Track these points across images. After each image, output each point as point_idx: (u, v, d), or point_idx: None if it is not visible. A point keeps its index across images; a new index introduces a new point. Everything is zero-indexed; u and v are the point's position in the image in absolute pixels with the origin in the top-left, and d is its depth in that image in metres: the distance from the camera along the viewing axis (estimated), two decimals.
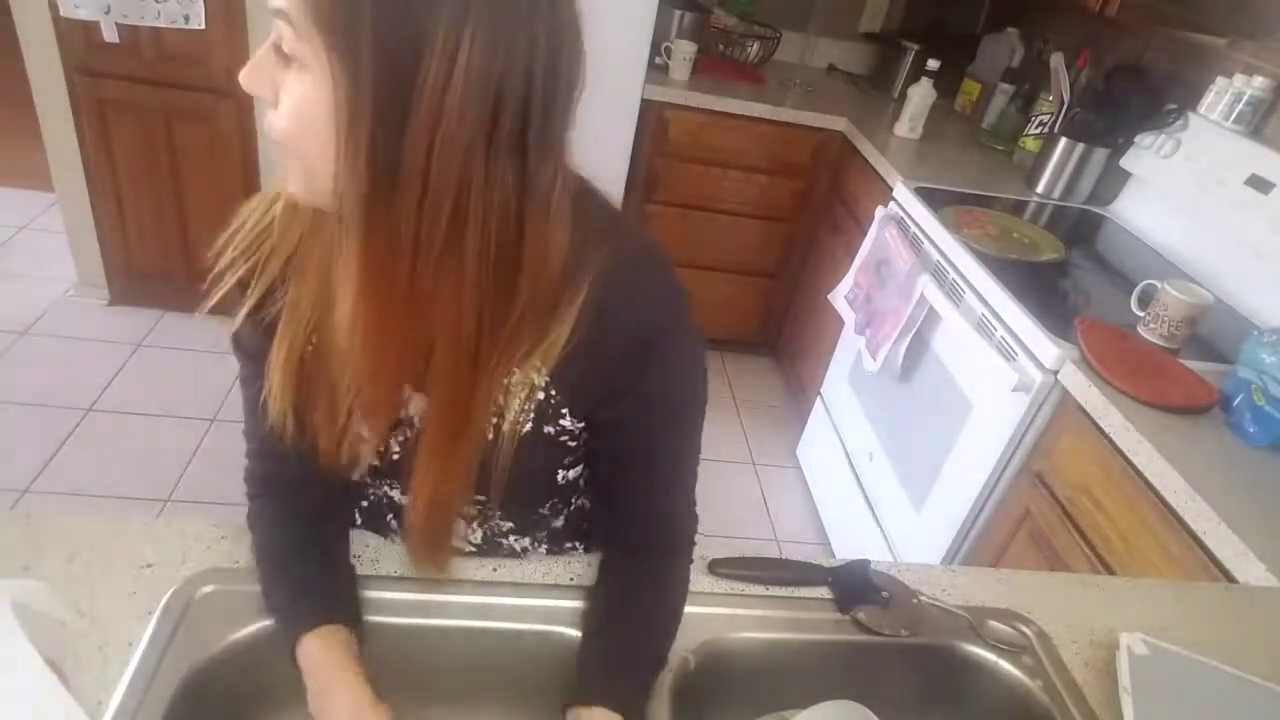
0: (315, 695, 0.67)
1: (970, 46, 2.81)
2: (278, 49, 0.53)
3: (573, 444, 0.73)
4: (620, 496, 0.78)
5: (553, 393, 0.69)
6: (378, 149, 0.52)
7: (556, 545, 0.88)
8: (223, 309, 0.73)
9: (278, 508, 0.76)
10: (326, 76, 0.52)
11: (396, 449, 0.74)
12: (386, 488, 0.81)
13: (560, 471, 0.77)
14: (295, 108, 0.54)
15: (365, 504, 0.85)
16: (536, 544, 0.87)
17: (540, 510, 0.83)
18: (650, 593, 0.76)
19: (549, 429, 0.71)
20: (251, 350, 0.72)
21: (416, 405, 0.71)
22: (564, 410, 0.70)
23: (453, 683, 0.78)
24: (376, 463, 0.75)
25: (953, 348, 1.72)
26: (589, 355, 0.65)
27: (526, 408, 0.69)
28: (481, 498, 0.74)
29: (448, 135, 0.51)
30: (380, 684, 0.77)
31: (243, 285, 0.70)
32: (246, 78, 0.55)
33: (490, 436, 0.68)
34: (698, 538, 0.81)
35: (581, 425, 0.72)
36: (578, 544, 0.90)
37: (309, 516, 0.76)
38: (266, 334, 0.69)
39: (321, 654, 0.67)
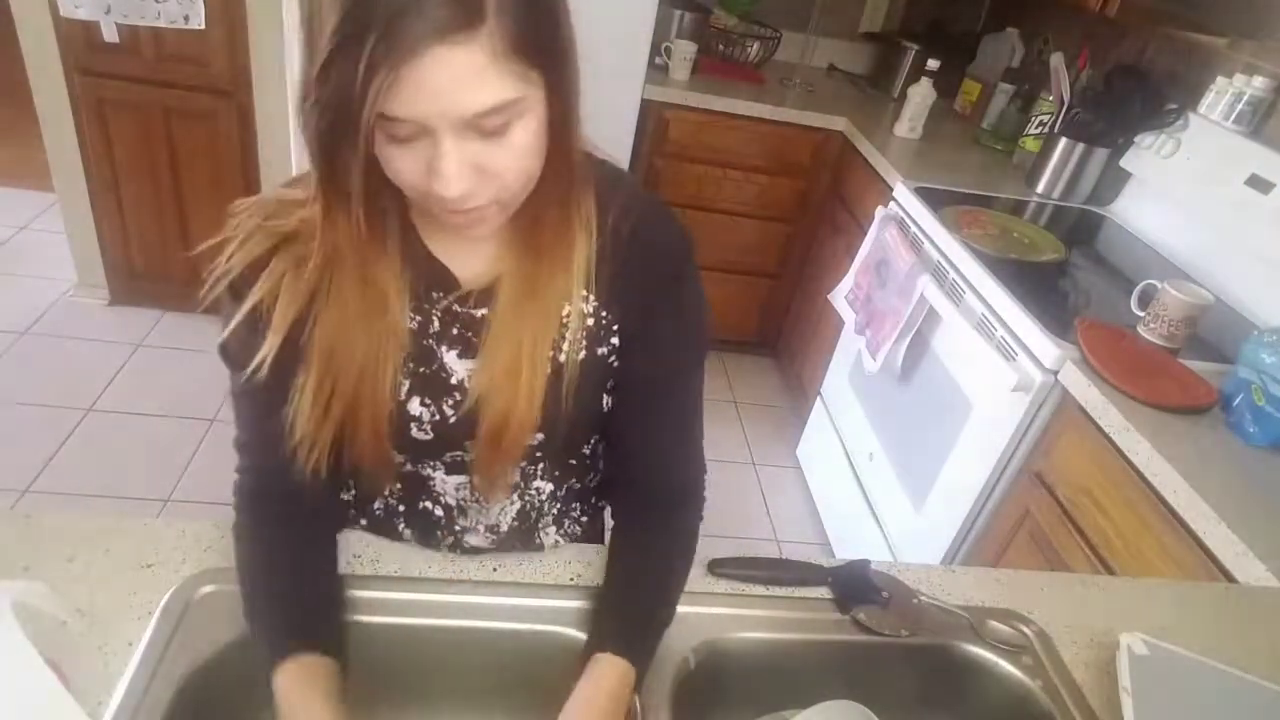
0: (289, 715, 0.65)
1: (970, 46, 2.81)
2: (489, 130, 0.58)
3: (615, 363, 0.78)
4: (638, 435, 0.81)
5: (603, 314, 0.75)
6: (565, 142, 0.63)
7: (588, 505, 0.92)
8: (220, 308, 0.73)
9: (268, 523, 0.75)
10: (540, 105, 0.60)
11: (451, 412, 0.75)
12: (430, 468, 0.81)
13: (605, 397, 0.80)
14: (516, 158, 0.60)
15: (378, 508, 0.84)
16: (567, 511, 0.89)
17: (583, 453, 0.87)
18: (663, 559, 0.80)
19: (600, 349, 0.76)
20: (243, 361, 0.72)
21: (458, 368, 0.74)
22: (614, 328, 0.76)
23: (454, 683, 0.78)
24: (430, 437, 0.76)
25: (953, 348, 1.72)
26: (629, 273, 0.74)
27: (579, 336, 0.74)
28: (540, 436, 0.77)
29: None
30: (381, 684, 0.77)
31: (235, 293, 0.71)
32: (461, 189, 0.59)
33: (549, 370, 0.73)
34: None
35: (619, 344, 0.77)
36: (604, 504, 0.95)
37: (301, 534, 0.75)
38: (288, 358, 0.69)
39: (295, 684, 0.66)
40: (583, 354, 0.75)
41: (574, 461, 0.87)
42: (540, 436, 0.76)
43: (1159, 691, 0.75)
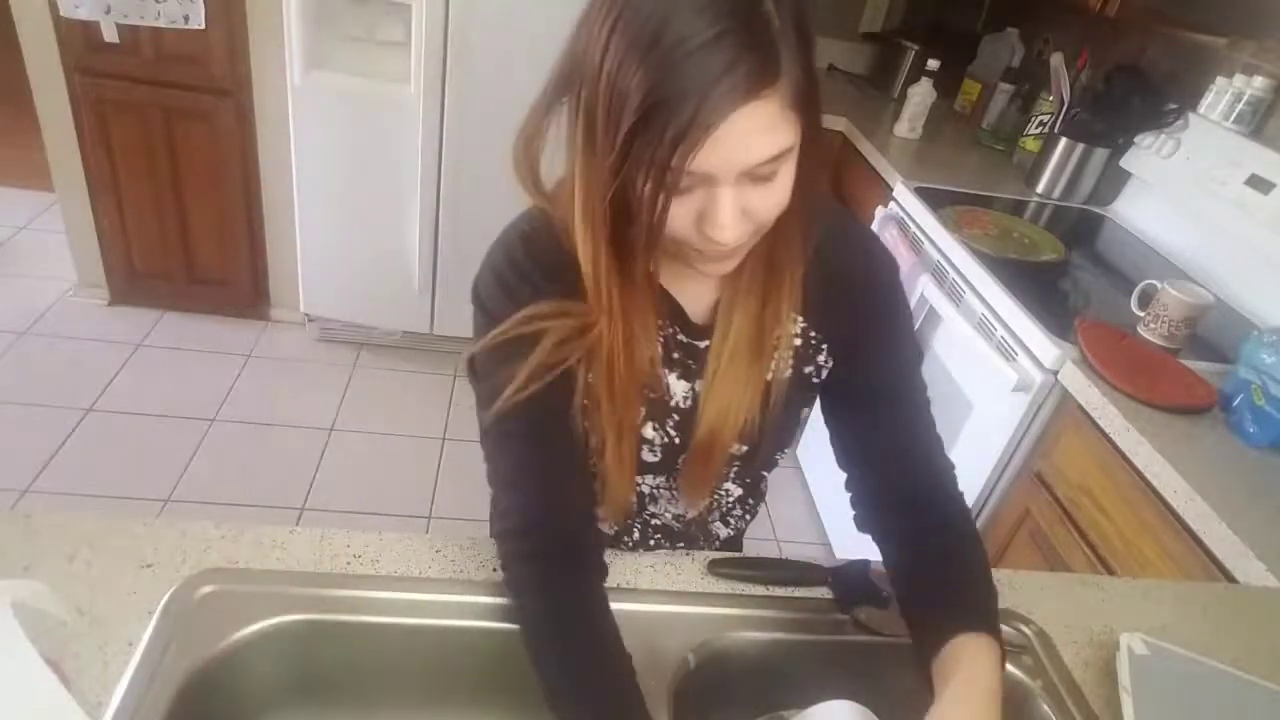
0: None
1: (970, 46, 2.81)
2: (758, 176, 0.61)
3: (815, 380, 0.82)
4: (875, 442, 0.83)
5: (811, 334, 0.79)
6: (808, 172, 0.65)
7: (759, 502, 1.01)
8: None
9: (561, 581, 0.72)
10: (796, 145, 0.62)
11: (675, 434, 0.80)
12: (659, 482, 0.88)
13: (803, 411, 0.85)
14: (779, 201, 0.63)
15: None
16: (744, 509, 0.99)
17: (775, 460, 0.90)
18: (942, 541, 0.77)
19: (807, 369, 0.81)
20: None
21: (678, 388, 0.79)
22: (823, 346, 0.80)
23: (454, 683, 0.78)
24: (657, 459, 0.81)
25: (953, 348, 1.72)
26: (839, 290, 0.77)
27: (787, 355, 0.78)
28: (744, 448, 0.81)
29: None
30: (381, 685, 0.77)
31: (486, 311, 0.73)
32: (736, 235, 0.62)
33: (760, 390, 0.77)
34: None
35: (831, 363, 0.81)
36: (759, 505, 1.03)
37: (594, 593, 0.73)
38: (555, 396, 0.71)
39: None
40: (789, 373, 0.79)
41: (765, 471, 0.95)
42: (743, 448, 0.81)
43: (1159, 691, 0.75)
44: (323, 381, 2.54)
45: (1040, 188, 2.17)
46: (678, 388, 0.79)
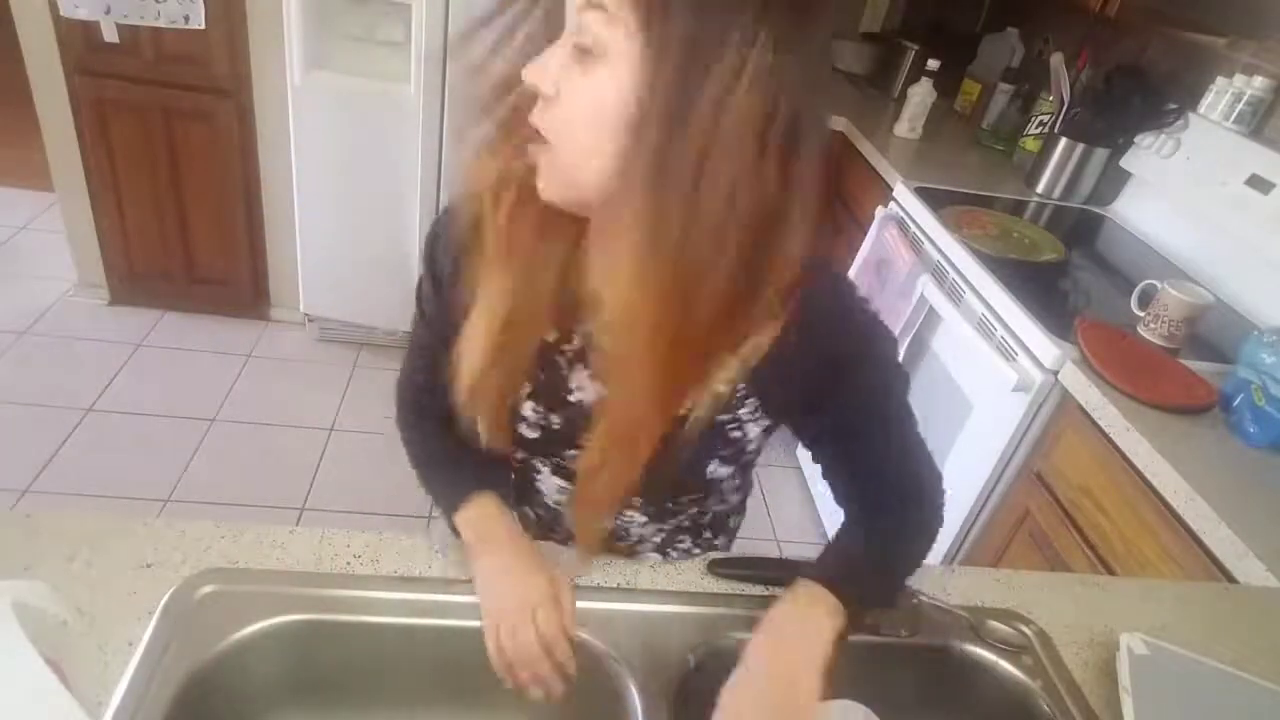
0: (478, 539, 0.77)
1: (970, 46, 2.81)
2: (579, 45, 0.54)
3: (735, 434, 0.75)
4: (853, 467, 0.80)
5: (739, 388, 0.71)
6: (658, 143, 0.53)
7: (697, 537, 0.93)
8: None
9: (436, 422, 0.83)
10: (627, 69, 0.53)
11: (558, 423, 0.78)
12: (539, 463, 0.85)
13: (711, 464, 0.77)
14: (584, 105, 0.56)
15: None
16: (672, 542, 0.92)
17: (681, 501, 0.87)
18: (895, 539, 0.79)
19: (723, 416, 0.73)
20: (428, 304, 0.80)
21: (588, 389, 0.75)
22: (747, 401, 0.73)
23: (454, 683, 0.78)
24: (536, 435, 0.80)
25: (953, 348, 1.72)
26: (788, 364, 0.68)
27: (708, 402, 0.70)
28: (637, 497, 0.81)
29: (727, 132, 0.52)
30: (381, 684, 0.77)
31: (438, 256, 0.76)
32: (533, 70, 0.57)
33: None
34: None
35: (764, 425, 0.76)
36: (718, 539, 0.96)
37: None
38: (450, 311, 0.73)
39: (478, 516, 0.78)
40: (701, 413, 0.70)
41: (672, 507, 0.87)
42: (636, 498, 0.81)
43: (1159, 691, 0.75)
44: (323, 381, 2.54)
45: (1040, 188, 2.17)
46: (588, 387, 0.75)
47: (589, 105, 0.55)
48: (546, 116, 0.58)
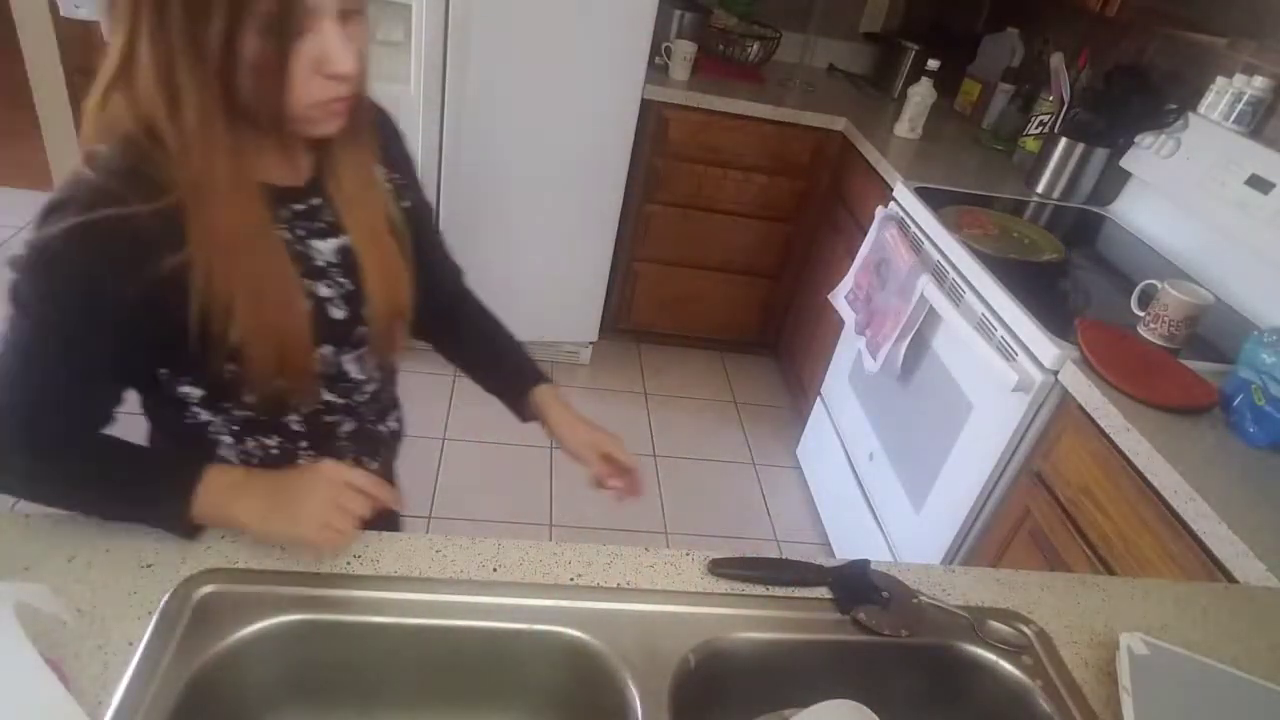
0: (230, 496, 0.74)
1: (970, 46, 2.81)
2: (349, 17, 0.69)
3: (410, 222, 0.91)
4: (427, 273, 0.93)
5: (392, 175, 0.90)
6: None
7: (397, 406, 1.03)
8: None
9: (83, 443, 0.77)
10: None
11: (346, 282, 0.83)
12: (346, 355, 0.87)
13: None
14: (366, 37, 0.71)
15: (298, 419, 0.89)
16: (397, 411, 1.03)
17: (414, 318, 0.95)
18: (494, 320, 1.09)
19: (406, 203, 0.91)
20: (70, 327, 0.71)
21: (323, 247, 0.82)
22: (403, 186, 0.91)
23: (453, 683, 0.78)
24: (343, 313, 0.83)
25: (953, 348, 1.72)
26: (390, 138, 0.92)
27: (390, 197, 0.88)
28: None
29: None
30: (381, 684, 0.77)
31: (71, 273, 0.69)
32: (355, 65, 0.70)
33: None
34: (697, 538, 0.86)
35: (408, 204, 0.91)
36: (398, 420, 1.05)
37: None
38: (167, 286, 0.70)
39: (220, 478, 0.75)
40: (398, 212, 0.88)
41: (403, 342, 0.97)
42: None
43: (1159, 691, 0.75)
44: None
45: (1040, 188, 2.18)
46: (324, 247, 0.81)
47: (367, 36, 0.72)
48: (359, 66, 0.71)
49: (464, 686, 0.78)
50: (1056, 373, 1.41)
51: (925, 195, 1.97)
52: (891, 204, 2.06)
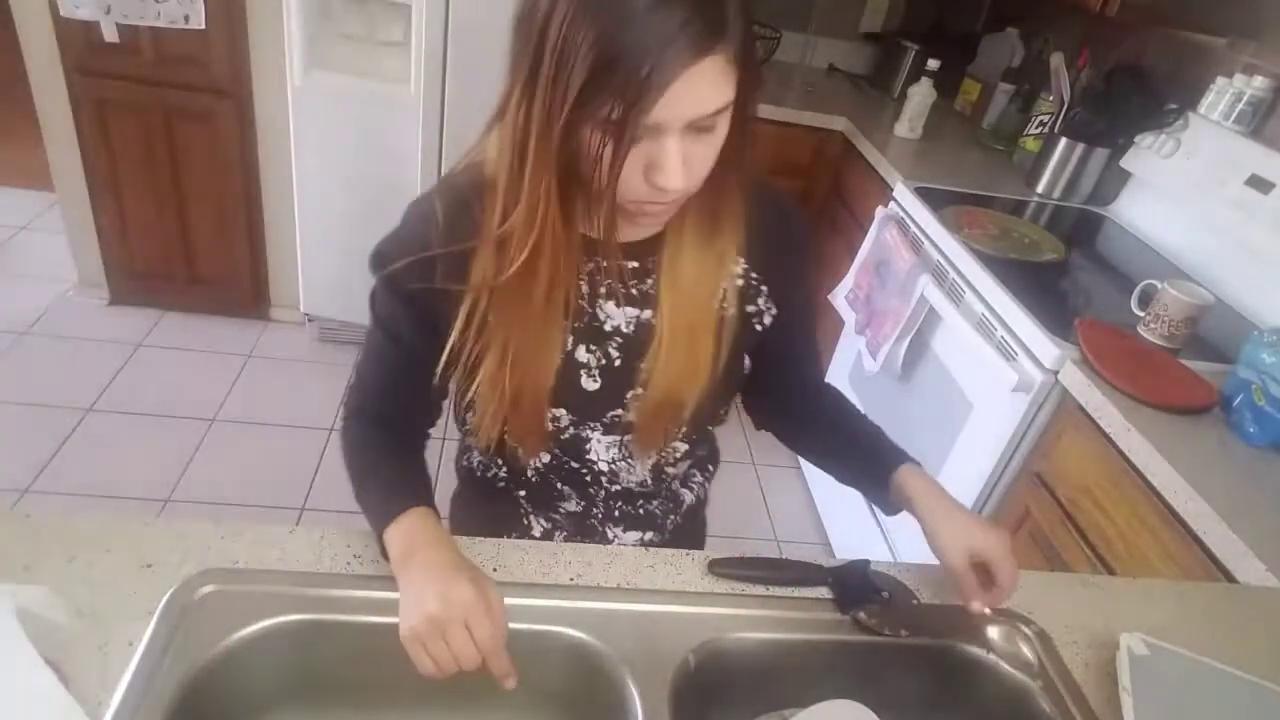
0: (406, 551, 0.72)
1: (970, 46, 2.81)
2: (699, 130, 0.65)
3: (758, 326, 0.87)
4: (788, 372, 0.94)
5: (752, 275, 0.85)
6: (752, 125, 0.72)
7: (705, 473, 1.04)
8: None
9: (376, 431, 0.86)
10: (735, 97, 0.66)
11: (616, 355, 0.83)
12: (589, 429, 0.87)
13: (745, 358, 0.90)
14: (715, 151, 0.68)
15: (532, 474, 0.92)
16: (691, 475, 1.01)
17: (719, 414, 0.94)
18: (853, 410, 0.98)
19: (750, 308, 0.86)
20: (390, 323, 0.81)
21: (617, 314, 0.82)
22: (763, 288, 0.86)
23: (454, 683, 0.78)
24: (597, 384, 0.83)
25: (953, 348, 1.72)
26: (771, 239, 0.85)
27: (732, 294, 0.84)
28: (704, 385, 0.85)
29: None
30: (382, 684, 0.77)
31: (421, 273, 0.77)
32: (684, 182, 0.66)
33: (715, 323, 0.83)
34: None
35: (773, 309, 0.87)
36: (705, 480, 1.05)
37: (402, 445, 0.86)
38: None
39: (413, 526, 0.74)
40: (734, 310, 0.84)
41: (712, 423, 0.96)
42: (703, 387, 0.84)
43: (1159, 691, 0.75)
44: (323, 381, 2.54)
45: (1040, 188, 2.17)
46: (617, 314, 0.81)
47: (720, 144, 0.68)
48: (692, 180, 0.68)
49: (463, 686, 0.78)
50: (1056, 373, 1.41)
51: (925, 195, 1.97)
52: (891, 204, 2.06)
